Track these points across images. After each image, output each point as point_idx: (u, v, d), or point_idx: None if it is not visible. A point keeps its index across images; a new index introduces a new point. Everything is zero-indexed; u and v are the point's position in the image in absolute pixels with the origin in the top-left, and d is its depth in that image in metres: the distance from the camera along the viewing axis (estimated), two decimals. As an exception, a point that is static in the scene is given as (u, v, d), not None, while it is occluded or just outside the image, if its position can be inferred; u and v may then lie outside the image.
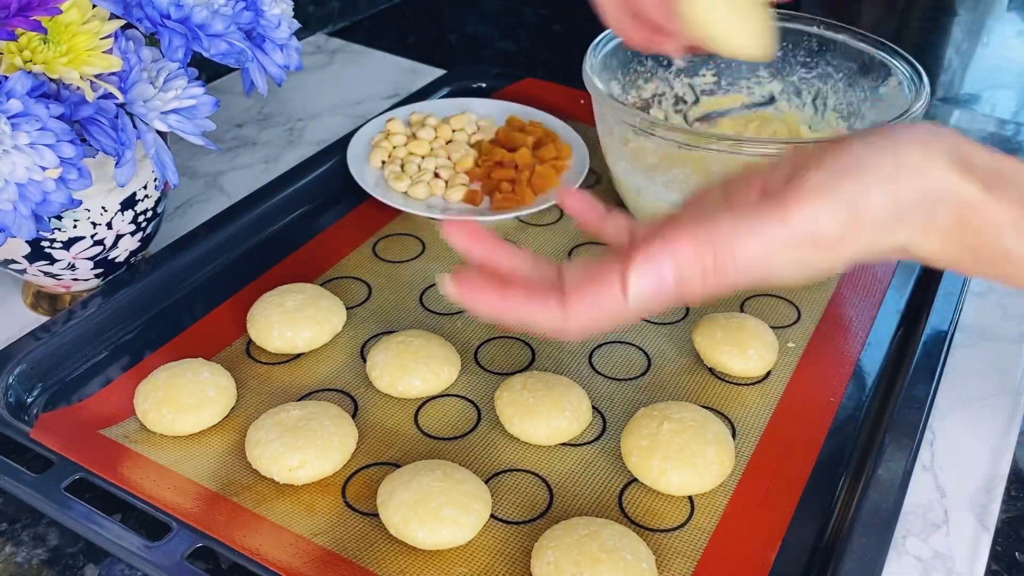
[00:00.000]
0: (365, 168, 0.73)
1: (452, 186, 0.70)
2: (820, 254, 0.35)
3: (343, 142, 0.76)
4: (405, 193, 0.70)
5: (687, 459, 0.47)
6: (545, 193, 0.69)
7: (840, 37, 0.70)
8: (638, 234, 0.38)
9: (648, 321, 0.60)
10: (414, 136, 0.75)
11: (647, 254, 0.35)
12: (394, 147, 0.74)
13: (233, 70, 0.88)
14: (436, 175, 0.72)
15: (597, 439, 0.52)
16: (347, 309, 0.60)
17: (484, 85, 0.86)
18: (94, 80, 0.48)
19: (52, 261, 0.57)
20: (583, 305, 0.36)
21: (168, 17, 0.51)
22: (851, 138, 0.37)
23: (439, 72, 0.92)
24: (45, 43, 0.46)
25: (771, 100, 0.74)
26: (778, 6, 0.73)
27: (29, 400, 0.54)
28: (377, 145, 0.74)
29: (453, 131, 0.76)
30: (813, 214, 0.34)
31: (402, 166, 0.72)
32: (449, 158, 0.73)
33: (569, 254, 0.66)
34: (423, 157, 0.73)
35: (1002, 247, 0.36)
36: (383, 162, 0.73)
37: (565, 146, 0.74)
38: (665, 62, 0.73)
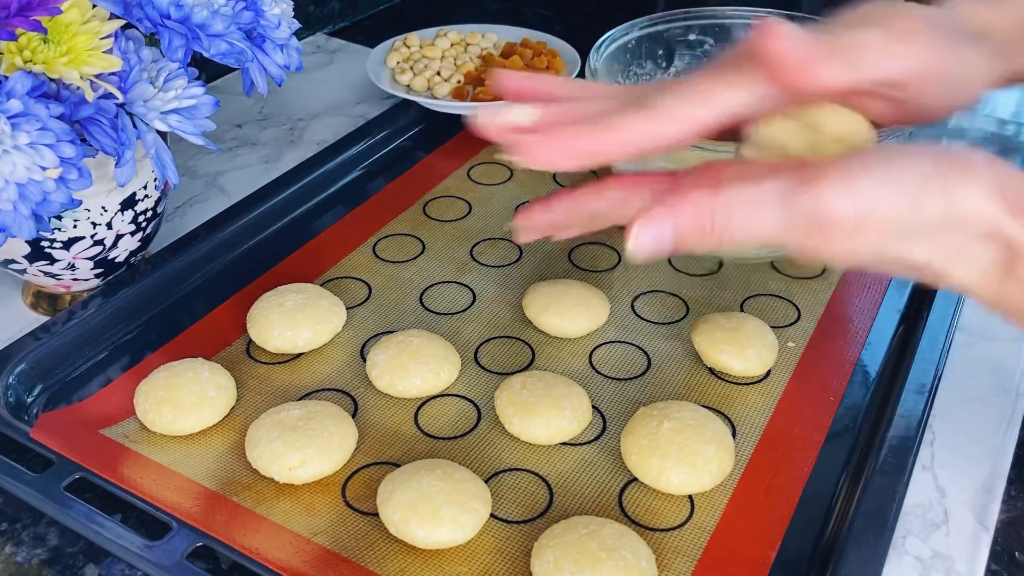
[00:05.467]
0: (382, 68, 0.85)
1: (447, 81, 0.82)
2: (823, 241, 0.34)
3: (343, 142, 0.76)
4: (408, 86, 0.83)
5: (687, 458, 0.47)
6: None
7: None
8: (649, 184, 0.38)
9: (648, 321, 0.60)
10: (432, 44, 0.87)
11: (650, 213, 0.35)
12: (410, 50, 0.87)
13: (233, 70, 0.88)
14: (438, 73, 0.83)
15: (597, 439, 0.52)
16: (347, 309, 0.60)
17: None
18: (94, 80, 0.48)
19: (52, 261, 0.57)
20: (612, 200, 0.38)
21: (168, 17, 0.51)
22: (889, 145, 0.36)
23: (439, 72, 0.92)
24: (45, 43, 0.46)
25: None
26: (778, 6, 0.73)
27: (29, 400, 0.54)
28: (396, 49, 0.87)
29: (467, 45, 0.88)
30: (822, 194, 0.33)
31: (412, 66, 0.84)
32: (455, 61, 0.85)
33: (569, 254, 0.66)
34: (432, 60, 0.85)
35: None
36: (398, 62, 0.86)
37: (558, 60, 0.84)
38: (664, 64, 0.73)
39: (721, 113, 0.37)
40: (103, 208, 0.56)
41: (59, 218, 0.55)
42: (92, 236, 0.57)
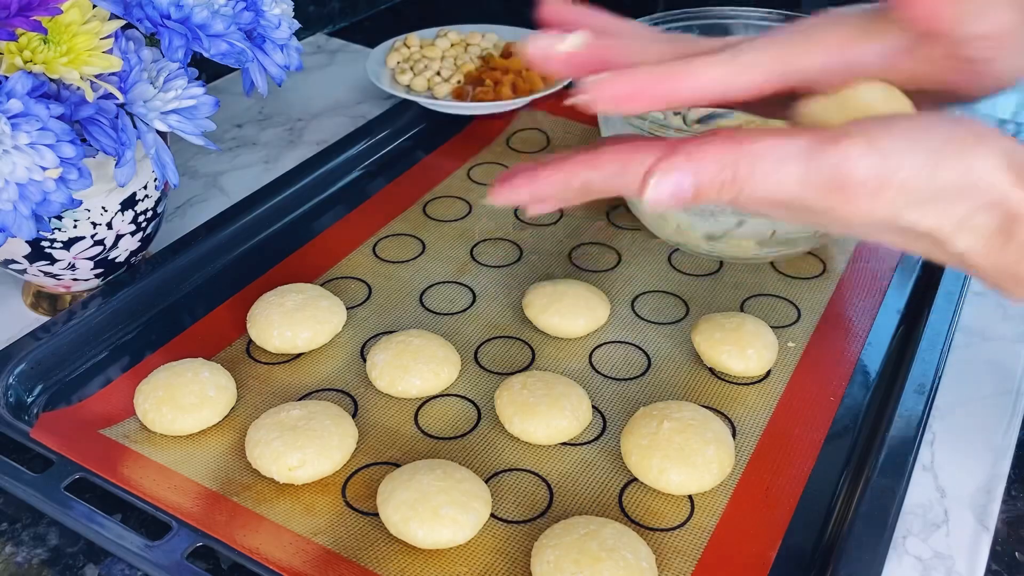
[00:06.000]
0: (382, 68, 0.85)
1: (447, 81, 0.82)
2: (841, 200, 0.33)
3: (343, 142, 0.76)
4: (408, 86, 0.83)
5: (687, 458, 0.47)
6: (527, 95, 0.80)
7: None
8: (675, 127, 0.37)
9: (648, 321, 0.60)
10: (432, 44, 0.87)
11: (670, 160, 0.34)
12: (410, 50, 0.87)
13: (233, 70, 0.88)
14: (438, 74, 0.83)
15: (597, 439, 0.52)
16: (347, 309, 0.60)
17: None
18: (94, 80, 0.48)
19: (52, 261, 0.57)
20: (608, 170, 0.36)
21: (168, 17, 0.51)
22: (908, 113, 0.35)
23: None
24: (45, 43, 0.46)
25: (771, 100, 0.74)
26: (773, 5, 0.73)
27: (29, 400, 0.54)
28: (396, 49, 0.87)
29: (468, 45, 0.87)
30: (846, 152, 0.33)
31: (412, 66, 0.84)
32: (455, 62, 0.85)
33: (569, 255, 0.66)
34: (432, 60, 0.85)
35: None
36: (398, 63, 0.86)
37: None
38: (665, 62, 0.73)
39: (796, 71, 0.36)
40: (103, 208, 0.56)
41: (59, 218, 0.55)
42: (92, 236, 0.57)
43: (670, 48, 0.38)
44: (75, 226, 0.56)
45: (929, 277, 0.63)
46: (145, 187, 0.58)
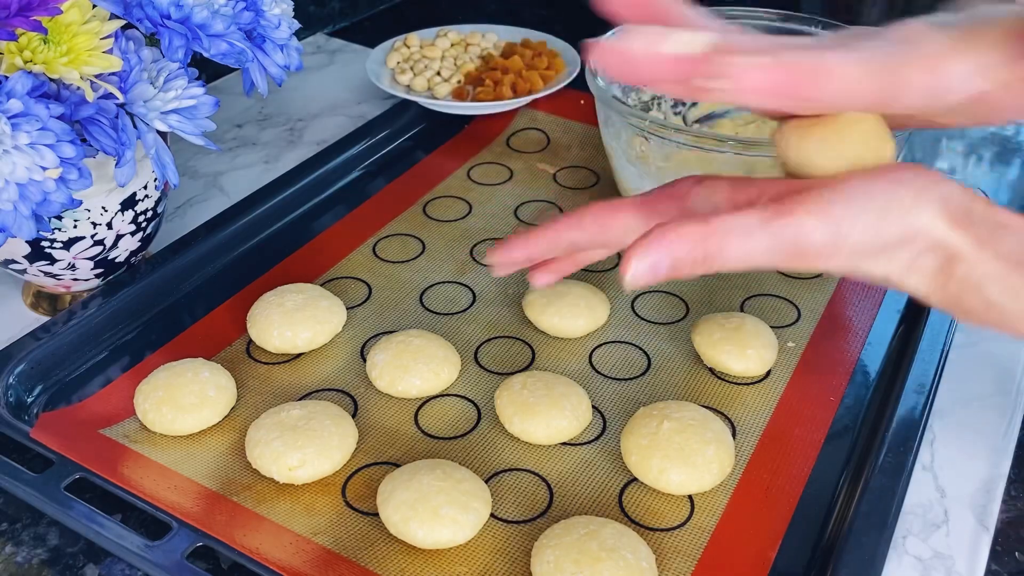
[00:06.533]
0: (382, 68, 0.85)
1: (447, 81, 0.82)
2: (802, 263, 0.37)
3: (343, 142, 0.76)
4: (408, 86, 0.83)
5: (687, 458, 0.47)
6: (527, 95, 0.80)
7: (840, 37, 0.70)
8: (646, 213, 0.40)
9: (648, 321, 0.60)
10: (432, 45, 0.87)
11: (646, 244, 0.37)
12: (410, 50, 0.87)
13: (233, 70, 0.88)
14: (438, 74, 0.84)
15: (597, 439, 0.52)
16: (347, 309, 0.60)
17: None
18: (94, 80, 0.48)
19: (52, 261, 0.57)
20: (591, 231, 0.41)
21: (168, 17, 0.51)
22: (854, 172, 0.37)
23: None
24: (45, 43, 0.46)
25: (771, 100, 0.74)
26: (773, 5, 0.73)
27: (29, 400, 0.54)
28: (396, 49, 0.87)
29: (468, 45, 0.87)
30: (800, 225, 0.36)
31: (412, 66, 0.84)
32: (455, 62, 0.85)
33: (569, 254, 0.66)
34: (432, 60, 0.85)
35: (985, 299, 0.36)
36: (398, 63, 0.86)
37: (559, 60, 0.85)
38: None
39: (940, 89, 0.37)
40: (103, 208, 0.56)
41: (59, 218, 0.55)
42: (92, 236, 0.57)
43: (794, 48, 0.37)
44: (75, 226, 0.56)
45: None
46: (145, 187, 0.58)
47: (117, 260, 0.60)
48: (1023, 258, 0.36)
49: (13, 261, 0.57)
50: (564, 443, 0.52)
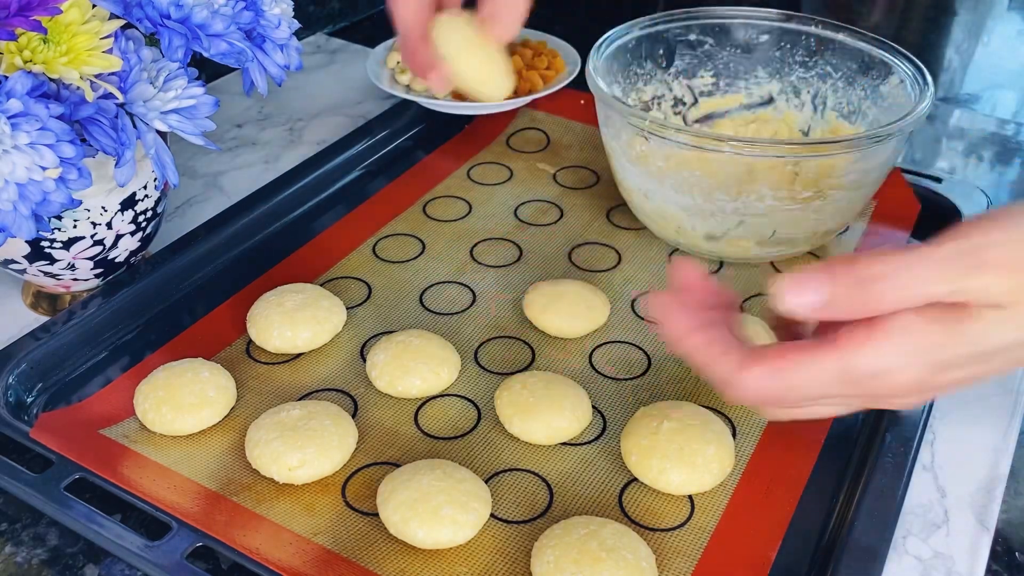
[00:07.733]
0: (382, 68, 0.84)
1: None
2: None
3: (343, 142, 0.76)
4: (408, 86, 0.82)
5: (687, 458, 0.47)
6: (527, 95, 0.80)
7: (839, 36, 0.70)
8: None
9: (648, 321, 0.60)
10: None
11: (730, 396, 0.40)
12: None
13: (233, 70, 0.88)
14: None
15: (597, 439, 0.52)
16: (347, 309, 0.60)
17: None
18: (94, 80, 0.48)
19: (52, 261, 0.57)
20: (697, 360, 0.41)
21: (168, 17, 0.51)
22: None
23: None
24: (45, 43, 0.46)
25: (770, 100, 0.74)
26: (773, 5, 0.73)
27: (29, 400, 0.54)
28: (396, 49, 0.85)
29: None
30: (876, 356, 0.36)
31: None
32: None
33: (569, 255, 0.66)
34: None
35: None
36: (398, 62, 0.84)
37: (558, 60, 0.85)
38: (664, 64, 0.73)
39: None
40: (103, 208, 0.56)
41: (59, 218, 0.55)
42: (92, 236, 0.57)
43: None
44: (75, 226, 0.56)
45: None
46: (145, 187, 0.58)
47: (117, 260, 0.60)
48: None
49: (13, 261, 0.57)
50: (564, 443, 0.51)
